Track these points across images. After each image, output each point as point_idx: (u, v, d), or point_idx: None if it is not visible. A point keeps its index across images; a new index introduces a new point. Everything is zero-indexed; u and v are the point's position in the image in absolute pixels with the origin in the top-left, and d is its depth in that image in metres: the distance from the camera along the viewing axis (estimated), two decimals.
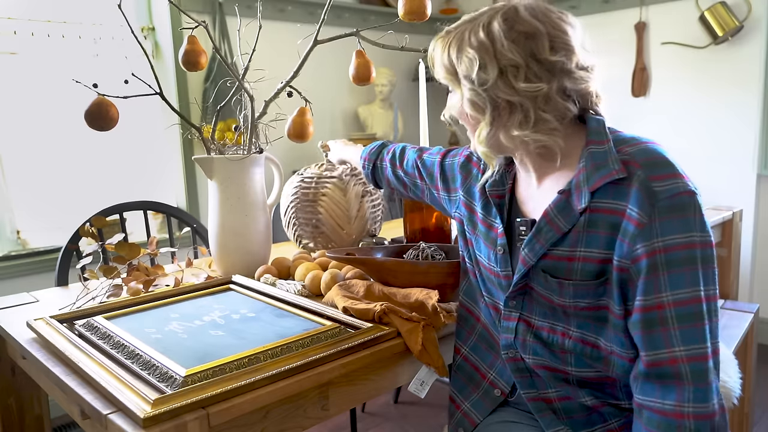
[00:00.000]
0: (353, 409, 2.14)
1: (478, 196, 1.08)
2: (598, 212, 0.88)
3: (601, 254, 0.88)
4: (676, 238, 0.81)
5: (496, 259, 1.02)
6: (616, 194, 0.86)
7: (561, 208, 0.91)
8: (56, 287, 1.51)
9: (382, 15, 3.48)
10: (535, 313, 0.98)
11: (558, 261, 0.92)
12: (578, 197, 0.89)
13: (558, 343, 0.96)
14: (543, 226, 0.93)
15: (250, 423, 0.88)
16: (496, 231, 1.02)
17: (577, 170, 0.91)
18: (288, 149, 1.84)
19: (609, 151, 0.89)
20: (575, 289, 0.90)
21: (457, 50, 0.93)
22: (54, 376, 0.95)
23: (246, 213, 1.40)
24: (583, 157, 0.91)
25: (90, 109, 1.21)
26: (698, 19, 2.84)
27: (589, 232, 0.89)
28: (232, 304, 1.20)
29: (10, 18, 2.28)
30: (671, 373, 0.82)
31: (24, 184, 2.38)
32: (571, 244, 0.90)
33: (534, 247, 0.93)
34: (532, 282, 0.96)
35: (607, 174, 0.87)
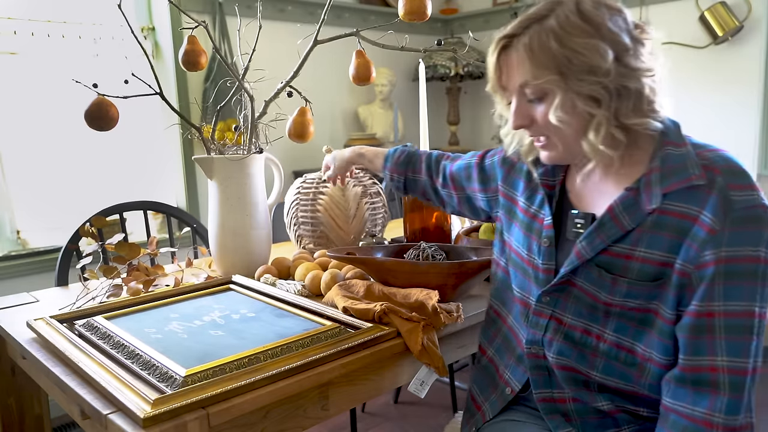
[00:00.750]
0: (353, 409, 2.14)
1: (523, 186, 1.06)
2: (668, 214, 0.86)
3: (662, 257, 0.86)
4: (743, 250, 0.81)
5: (538, 250, 0.99)
6: (690, 199, 0.84)
7: (628, 206, 0.89)
8: (56, 287, 1.51)
9: (382, 15, 3.48)
10: (569, 312, 0.95)
11: (616, 258, 0.89)
12: (648, 197, 0.87)
13: (591, 345, 0.93)
14: (606, 222, 0.90)
15: (250, 423, 0.88)
16: (541, 222, 1.00)
17: (647, 168, 0.89)
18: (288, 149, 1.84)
19: (688, 155, 0.87)
20: (629, 287, 0.88)
21: (559, 44, 0.85)
22: (54, 376, 0.95)
23: (246, 213, 1.40)
24: (658, 156, 0.89)
25: (90, 109, 1.21)
26: (698, 19, 2.84)
27: (654, 233, 0.87)
28: (232, 304, 1.20)
29: (10, 18, 2.28)
30: (708, 381, 0.82)
31: (24, 183, 2.38)
32: (632, 243, 0.88)
33: (593, 242, 0.91)
34: (578, 277, 0.93)
35: (686, 178, 0.85)
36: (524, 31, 0.89)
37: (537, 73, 0.87)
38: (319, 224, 1.57)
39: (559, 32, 0.85)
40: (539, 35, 0.87)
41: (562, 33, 0.85)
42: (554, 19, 0.87)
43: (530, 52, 0.88)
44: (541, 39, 0.87)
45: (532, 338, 0.99)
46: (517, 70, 0.90)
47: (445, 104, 3.83)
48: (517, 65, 0.90)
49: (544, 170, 1.02)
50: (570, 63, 0.85)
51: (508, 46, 0.91)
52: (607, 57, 0.84)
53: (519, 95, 0.92)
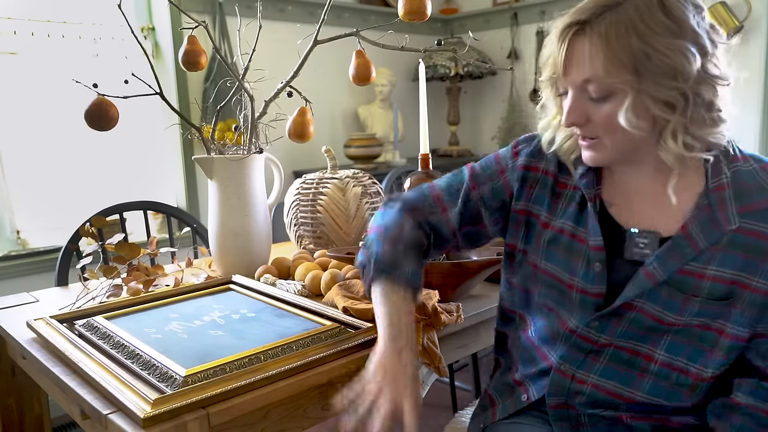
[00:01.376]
0: None
1: (548, 201, 0.96)
2: (745, 234, 0.83)
3: (734, 275, 0.83)
4: None
5: (586, 274, 0.90)
6: (766, 218, 0.82)
7: (704, 225, 0.84)
8: (56, 287, 1.51)
9: (382, 15, 3.48)
10: (619, 335, 0.89)
11: (689, 276, 0.85)
12: (725, 215, 0.83)
13: (639, 366, 0.89)
14: (680, 241, 0.85)
15: (250, 423, 0.88)
16: (583, 241, 0.91)
17: (716, 184, 0.85)
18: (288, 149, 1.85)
19: (757, 173, 0.85)
20: (701, 306, 0.85)
21: (640, 40, 0.77)
22: (54, 376, 0.95)
23: (246, 213, 1.40)
24: (725, 170, 0.85)
25: (90, 109, 1.21)
26: None
27: (728, 252, 0.83)
28: (232, 304, 1.20)
29: (10, 18, 2.28)
30: None
31: (24, 183, 2.38)
32: (705, 261, 0.84)
33: (666, 263, 0.85)
34: (641, 299, 0.87)
35: (765, 199, 0.83)
36: (597, 18, 0.79)
37: (610, 70, 0.78)
38: (319, 224, 1.57)
39: (639, 26, 0.76)
40: (617, 26, 0.77)
41: (643, 27, 0.76)
42: (632, 8, 0.77)
43: (606, 44, 0.78)
44: (619, 31, 0.77)
45: (568, 357, 0.93)
46: (588, 63, 0.80)
47: (445, 104, 3.83)
48: (589, 57, 0.80)
49: (588, 182, 0.92)
50: (649, 62, 0.77)
51: (580, 32, 0.80)
52: (692, 61, 0.77)
53: (579, 90, 0.83)
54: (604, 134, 0.85)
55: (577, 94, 0.84)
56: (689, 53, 0.77)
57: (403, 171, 2.54)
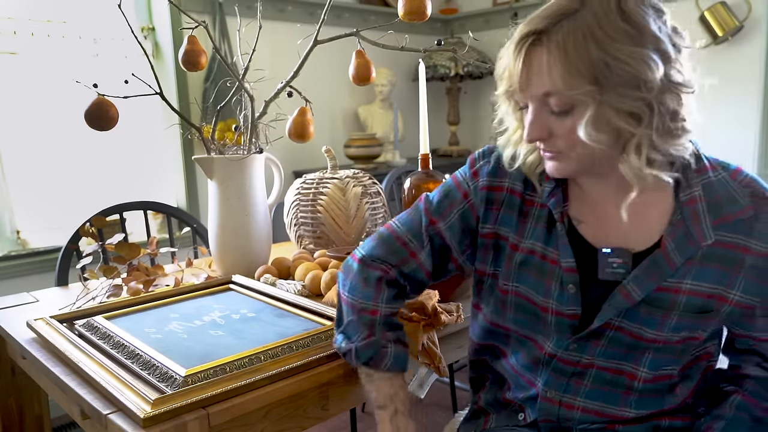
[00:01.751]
0: (353, 409, 2.14)
1: (516, 221, 0.91)
2: (720, 246, 0.82)
3: (711, 289, 0.82)
4: None
5: (561, 297, 0.87)
6: (737, 229, 0.81)
7: (680, 242, 0.82)
8: (56, 287, 1.51)
9: (382, 15, 3.48)
10: (599, 355, 0.88)
11: (665, 292, 0.83)
12: (700, 230, 0.81)
13: (624, 384, 0.88)
14: (659, 260, 0.82)
15: (250, 423, 0.88)
16: (555, 263, 0.87)
17: (688, 197, 0.82)
18: (288, 149, 1.85)
19: (727, 182, 0.83)
20: (678, 320, 0.84)
21: (599, 49, 0.72)
22: (54, 376, 0.95)
23: (246, 213, 1.40)
24: (696, 182, 0.83)
25: (90, 109, 1.21)
26: (698, 19, 2.84)
27: (703, 265, 0.82)
28: (232, 304, 1.20)
29: (10, 18, 2.28)
30: None
31: (24, 183, 2.38)
32: (680, 276, 0.83)
33: (643, 283, 0.83)
34: (618, 318, 0.85)
35: (739, 210, 0.81)
36: (554, 27, 0.75)
37: (570, 82, 0.74)
38: (319, 224, 1.57)
39: (598, 33, 0.72)
40: (574, 35, 0.73)
41: (601, 35, 0.72)
42: (590, 15, 0.73)
43: (564, 54, 0.73)
44: (577, 39, 0.73)
45: (552, 383, 0.91)
46: (547, 75, 0.75)
47: (445, 104, 3.83)
48: (547, 69, 0.75)
49: (556, 200, 0.88)
50: (610, 72, 0.73)
51: (537, 43, 0.76)
52: (655, 69, 0.73)
53: (539, 104, 0.79)
54: (567, 148, 0.80)
55: (537, 107, 0.80)
56: (651, 61, 0.73)
57: (403, 171, 2.54)
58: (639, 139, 0.76)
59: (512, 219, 0.92)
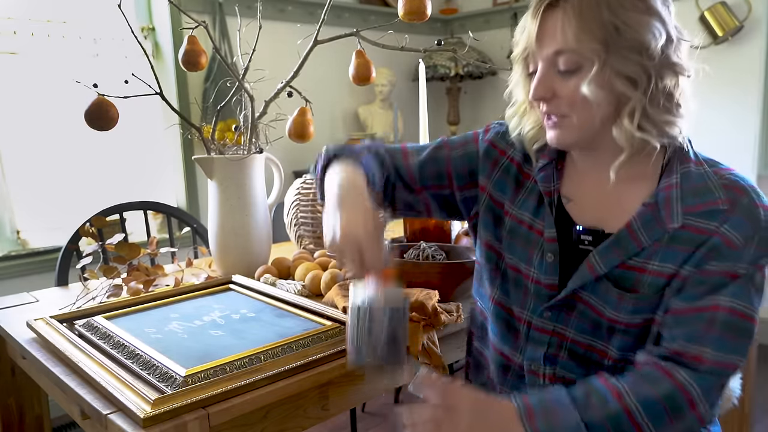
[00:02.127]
0: (353, 409, 2.14)
1: (511, 190, 0.98)
2: (687, 230, 0.84)
3: (673, 269, 0.84)
4: (763, 263, 0.82)
5: (540, 265, 0.93)
6: (711, 217, 0.83)
7: (646, 222, 0.85)
8: (56, 287, 1.51)
9: (382, 15, 3.48)
10: (572, 327, 0.91)
11: (629, 271, 0.86)
12: (669, 214, 0.84)
13: (595, 361, 0.90)
14: (623, 238, 0.86)
15: (250, 423, 0.88)
16: (540, 233, 0.93)
17: (665, 184, 0.86)
18: (288, 149, 1.85)
19: (708, 176, 0.86)
20: (635, 303, 0.86)
21: (611, 13, 0.80)
22: (54, 376, 0.95)
23: (246, 213, 1.40)
24: (676, 172, 0.86)
25: (90, 109, 1.21)
26: (698, 19, 2.84)
27: (670, 248, 0.84)
28: (232, 304, 1.20)
29: (10, 18, 2.28)
30: (692, 365, 0.81)
31: (24, 183, 2.38)
32: (647, 257, 0.85)
33: (608, 257, 0.87)
34: (585, 291, 0.89)
35: (711, 201, 0.83)
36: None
37: (581, 39, 0.80)
38: (319, 224, 1.57)
39: (611, 1, 0.80)
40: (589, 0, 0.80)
41: (615, 2, 0.80)
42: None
43: (579, 15, 0.80)
44: (591, 3, 0.80)
45: (532, 355, 0.94)
46: (560, 34, 0.82)
47: (445, 104, 3.83)
48: (561, 29, 0.82)
49: (545, 175, 0.94)
50: (618, 35, 0.80)
51: (554, 5, 0.83)
52: (658, 38, 0.80)
53: (548, 64, 0.85)
54: (570, 109, 0.85)
55: (546, 67, 0.85)
56: (656, 30, 0.81)
57: None
58: (634, 104, 0.82)
59: (506, 186, 0.99)
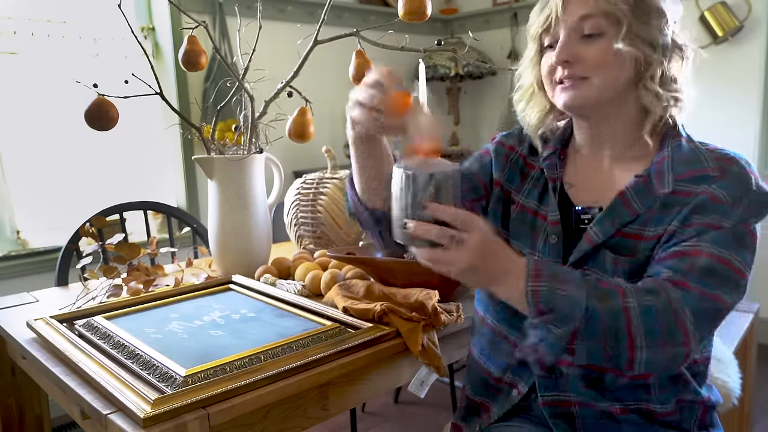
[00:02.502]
0: (353, 409, 2.14)
1: (519, 180, 1.04)
2: (678, 195, 0.88)
3: (666, 230, 0.88)
4: (749, 222, 0.86)
5: (545, 248, 0.97)
6: (701, 180, 0.88)
7: (639, 191, 0.91)
8: (56, 287, 1.51)
9: (382, 15, 3.48)
10: None
11: (625, 238, 0.90)
12: (660, 183, 0.90)
13: None
14: (617, 206, 0.91)
15: (250, 423, 0.88)
16: (544, 218, 0.98)
17: (658, 158, 0.91)
18: (288, 149, 1.85)
19: (699, 150, 0.91)
20: (630, 266, 0.89)
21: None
22: (54, 376, 0.95)
23: (246, 213, 1.40)
24: (667, 146, 0.92)
25: (90, 109, 1.21)
26: (698, 19, 2.84)
27: (663, 212, 0.89)
28: (232, 304, 1.20)
29: (10, 18, 2.28)
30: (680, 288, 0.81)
31: (24, 183, 2.38)
32: (642, 224, 0.90)
33: (604, 226, 0.91)
34: (586, 265, 0.92)
35: (701, 169, 0.88)
36: None
37: (611, 1, 0.86)
38: (319, 224, 1.57)
39: None
40: None
41: None
42: None
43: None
44: None
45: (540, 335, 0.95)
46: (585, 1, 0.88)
47: (445, 104, 3.83)
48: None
49: (550, 164, 1.00)
50: (642, 2, 0.87)
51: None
52: (673, 8, 0.89)
53: (572, 30, 0.90)
54: (595, 71, 0.89)
55: (570, 33, 0.90)
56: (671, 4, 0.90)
57: None
58: (656, 67, 0.89)
59: (515, 177, 1.05)
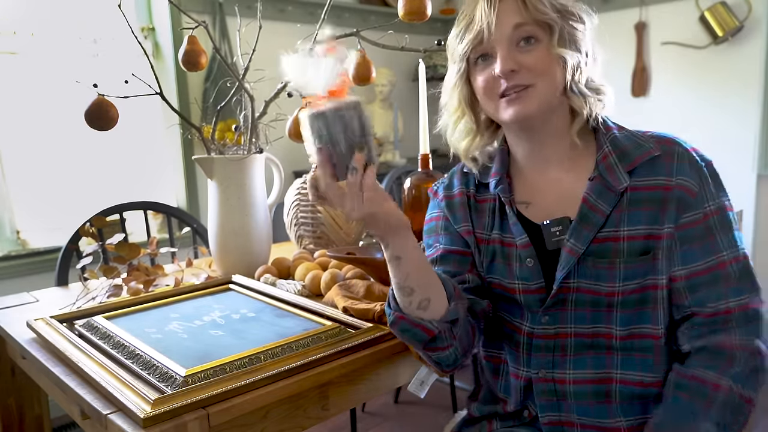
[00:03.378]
0: (353, 409, 2.14)
1: (477, 218, 1.01)
2: (640, 190, 0.90)
3: (645, 230, 0.89)
4: (722, 200, 0.90)
5: (522, 272, 0.95)
6: (654, 171, 0.90)
7: (599, 192, 0.91)
8: (56, 287, 1.51)
9: (382, 15, 3.48)
10: (573, 321, 0.92)
11: (604, 243, 0.90)
12: (615, 178, 0.91)
13: (604, 345, 0.91)
14: (586, 213, 0.91)
15: (250, 423, 0.88)
16: (512, 245, 0.96)
17: (601, 156, 0.93)
18: (288, 149, 1.84)
19: (633, 135, 0.94)
20: (625, 268, 0.89)
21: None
22: (54, 376, 0.95)
23: (246, 213, 1.40)
24: (604, 142, 0.94)
25: (90, 109, 1.21)
26: (698, 19, 2.84)
27: (632, 210, 0.90)
28: (232, 304, 1.20)
29: (10, 18, 2.28)
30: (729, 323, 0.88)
31: (24, 183, 2.38)
32: (615, 224, 0.90)
33: (580, 235, 0.91)
34: (572, 279, 0.91)
35: (645, 152, 0.91)
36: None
37: (541, 9, 0.89)
38: (319, 224, 1.57)
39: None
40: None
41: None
42: None
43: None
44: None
45: (540, 363, 0.95)
46: (520, 9, 0.90)
47: None
48: (517, 7, 0.90)
49: (503, 188, 0.98)
50: (564, 7, 0.91)
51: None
52: (589, 18, 0.93)
53: (510, 41, 0.90)
54: (540, 77, 0.90)
55: (509, 44, 0.90)
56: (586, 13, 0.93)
57: (403, 171, 2.54)
58: (581, 68, 0.91)
59: (474, 218, 1.02)
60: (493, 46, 0.91)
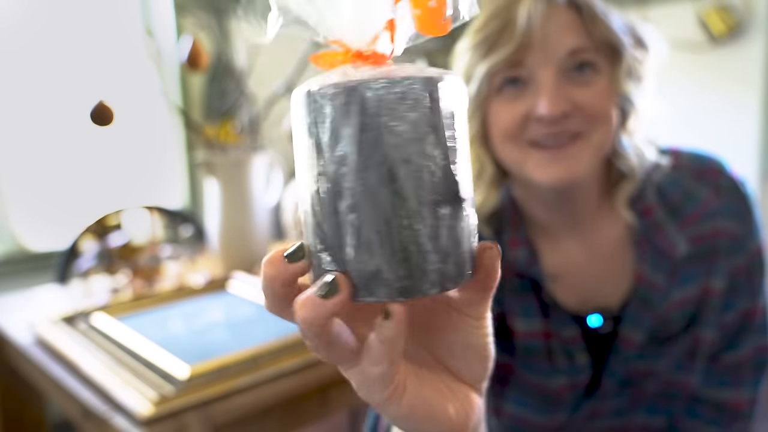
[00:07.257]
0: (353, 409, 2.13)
1: (503, 296, 0.74)
2: (694, 244, 0.71)
3: (698, 289, 0.71)
4: (759, 239, 0.72)
5: (571, 370, 0.74)
6: (707, 218, 0.71)
7: (653, 261, 0.70)
8: (57, 287, 1.51)
9: None
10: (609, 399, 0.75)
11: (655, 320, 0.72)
12: (668, 241, 0.70)
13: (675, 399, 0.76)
14: (644, 293, 0.70)
15: (250, 423, 0.88)
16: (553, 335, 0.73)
17: (642, 205, 0.72)
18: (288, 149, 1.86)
19: (678, 176, 0.72)
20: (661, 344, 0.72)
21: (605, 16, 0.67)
22: (54, 376, 0.95)
23: (247, 213, 1.40)
24: (648, 191, 0.72)
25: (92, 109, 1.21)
26: (697, 21, 2.84)
27: (682, 270, 0.71)
28: (233, 303, 1.20)
29: (10, 18, 2.28)
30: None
31: (24, 184, 2.38)
32: (666, 293, 0.72)
33: (641, 323, 0.71)
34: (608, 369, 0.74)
35: (702, 204, 0.71)
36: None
37: (609, 26, 0.64)
38: None
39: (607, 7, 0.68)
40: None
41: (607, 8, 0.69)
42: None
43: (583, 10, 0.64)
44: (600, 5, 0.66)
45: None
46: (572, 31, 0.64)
47: None
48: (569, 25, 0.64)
49: (538, 270, 0.72)
50: (633, 30, 0.70)
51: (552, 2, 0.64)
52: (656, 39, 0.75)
53: (559, 69, 0.64)
54: (595, 123, 0.65)
55: (558, 74, 0.64)
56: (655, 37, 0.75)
57: None
58: (636, 113, 0.72)
59: (501, 298, 0.76)
60: (533, 71, 0.65)
